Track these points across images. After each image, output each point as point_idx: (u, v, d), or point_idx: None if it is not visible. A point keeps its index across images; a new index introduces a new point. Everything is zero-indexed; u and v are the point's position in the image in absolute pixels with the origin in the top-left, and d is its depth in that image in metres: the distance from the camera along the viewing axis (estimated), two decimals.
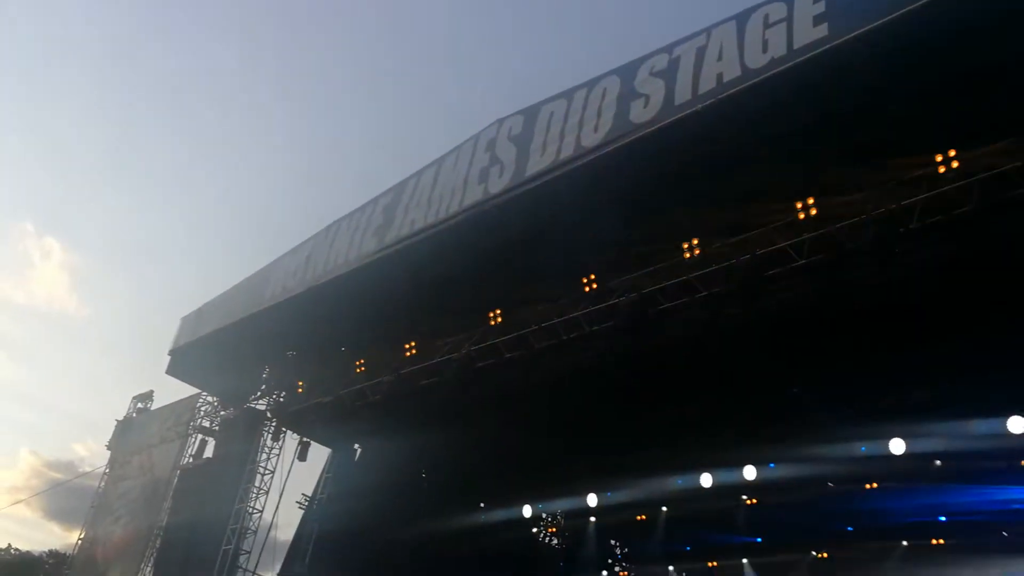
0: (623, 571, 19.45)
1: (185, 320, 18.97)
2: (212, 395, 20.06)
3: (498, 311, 13.86)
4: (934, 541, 15.06)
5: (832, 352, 12.46)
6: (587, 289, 12.93)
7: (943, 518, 14.89)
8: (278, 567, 18.51)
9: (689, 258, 11.80)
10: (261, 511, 18.32)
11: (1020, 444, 12.82)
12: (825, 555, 16.36)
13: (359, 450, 19.20)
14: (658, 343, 13.03)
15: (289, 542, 18.66)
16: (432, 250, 13.35)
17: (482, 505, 18.96)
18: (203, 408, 20.25)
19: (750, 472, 15.32)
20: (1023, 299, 11.11)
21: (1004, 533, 14.85)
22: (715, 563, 17.96)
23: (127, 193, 72.69)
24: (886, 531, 15.67)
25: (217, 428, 19.94)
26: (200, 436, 20.22)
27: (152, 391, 22.71)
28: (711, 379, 13.74)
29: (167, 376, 19.26)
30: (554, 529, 19.68)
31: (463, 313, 14.11)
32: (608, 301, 12.76)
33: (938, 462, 13.88)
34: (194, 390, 20.36)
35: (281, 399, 18.14)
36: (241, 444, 18.51)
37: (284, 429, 18.21)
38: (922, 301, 11.57)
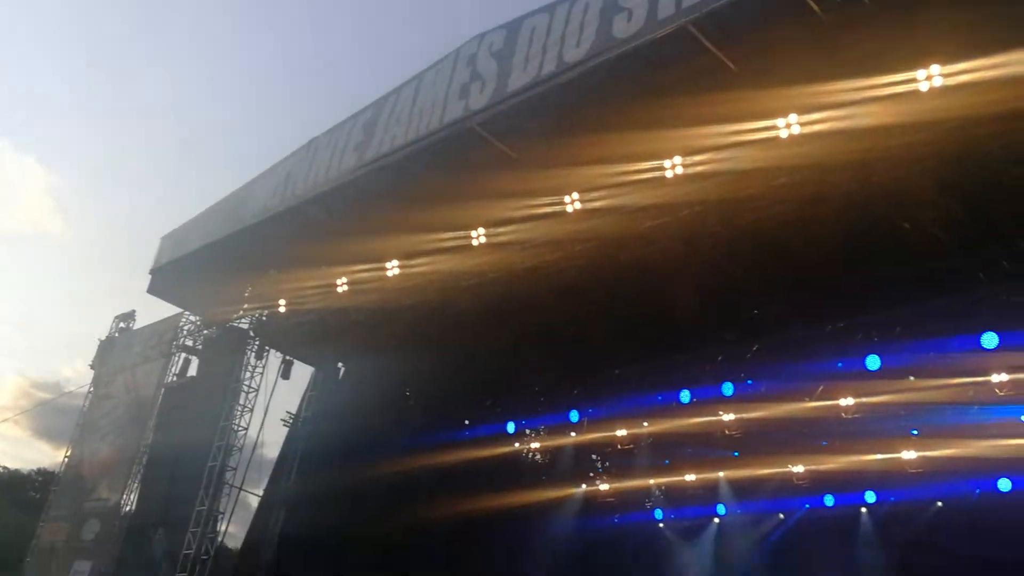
0: (603, 486, 19.85)
1: (166, 239, 18.87)
2: (195, 314, 20.07)
3: (481, 229, 13.83)
4: (905, 456, 15.39)
5: (810, 268, 12.56)
6: (570, 208, 12.90)
7: (915, 431, 15.19)
8: (265, 483, 18.84)
9: (671, 177, 11.76)
10: (246, 429, 18.56)
11: (993, 360, 13.06)
12: (801, 468, 16.72)
13: (343, 369, 19.35)
14: (640, 261, 13.11)
15: (275, 459, 18.97)
16: (413, 167, 13.26)
17: (467, 423, 19.21)
18: (186, 327, 20.28)
19: (728, 388, 15.53)
20: (994, 220, 11.24)
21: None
22: (693, 476, 18.34)
23: (109, 114, 71.44)
24: (860, 446, 15.99)
25: (200, 347, 20.02)
26: (183, 355, 20.32)
27: (134, 311, 22.71)
28: (692, 297, 13.85)
29: (150, 296, 19.28)
30: (537, 445, 20.00)
31: (446, 231, 14.07)
32: (590, 220, 12.75)
33: (912, 378, 14.12)
34: (176, 310, 20.37)
35: (264, 318, 18.18)
36: (225, 363, 18.62)
37: (267, 348, 18.31)
38: (901, 218, 11.66)
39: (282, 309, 17.25)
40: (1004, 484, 14.72)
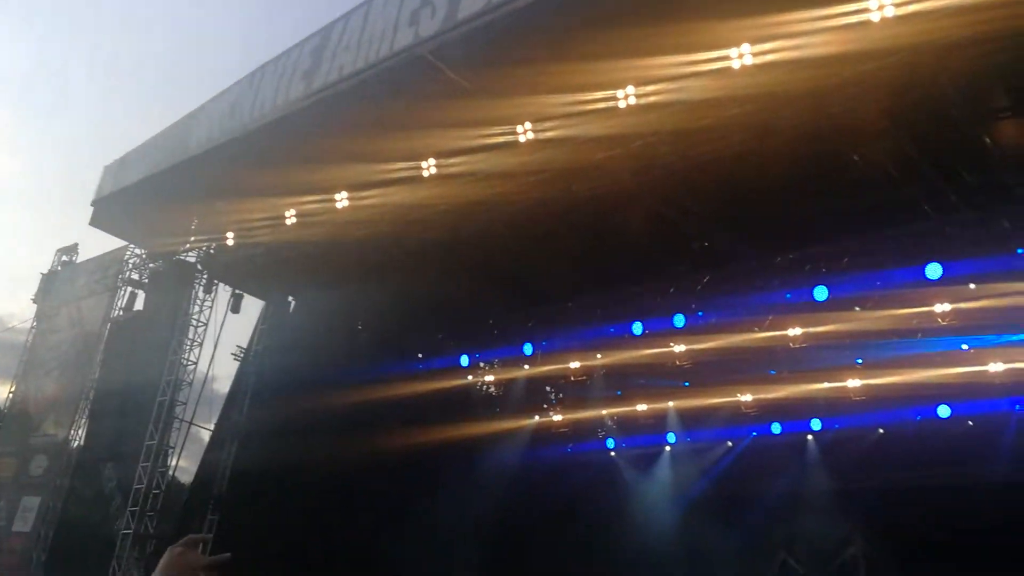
0: (557, 416, 20.07)
1: (108, 169, 18.31)
2: (140, 247, 19.66)
3: (431, 160, 13.62)
4: (850, 384, 15.74)
5: (761, 200, 12.61)
6: (522, 139, 12.73)
7: (859, 360, 15.52)
8: (216, 418, 18.73)
9: (624, 107, 11.64)
10: (196, 363, 18.37)
11: (936, 291, 13.32)
12: (749, 397, 17.05)
13: (294, 302, 19.16)
14: (593, 193, 13.04)
15: (226, 394, 18.83)
16: (362, 96, 12.95)
17: (419, 356, 19.21)
18: (131, 260, 19.90)
19: (679, 320, 15.69)
20: (941, 153, 11.34)
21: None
22: (644, 407, 18.60)
23: (50, 40, 68.84)
24: (807, 376, 16.31)
25: (147, 281, 19.67)
26: (130, 289, 19.97)
27: (76, 244, 22.23)
28: (643, 229, 13.86)
29: (94, 230, 18.77)
30: (490, 378, 20.11)
31: (396, 162, 13.83)
32: (543, 151, 12.61)
33: (857, 308, 14.37)
34: (121, 243, 19.94)
35: (211, 251, 17.85)
36: (172, 296, 18.34)
37: (216, 281, 18.04)
38: (850, 150, 11.72)
39: (230, 242, 16.92)
40: (943, 411, 15.18)
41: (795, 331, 15.12)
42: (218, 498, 17.05)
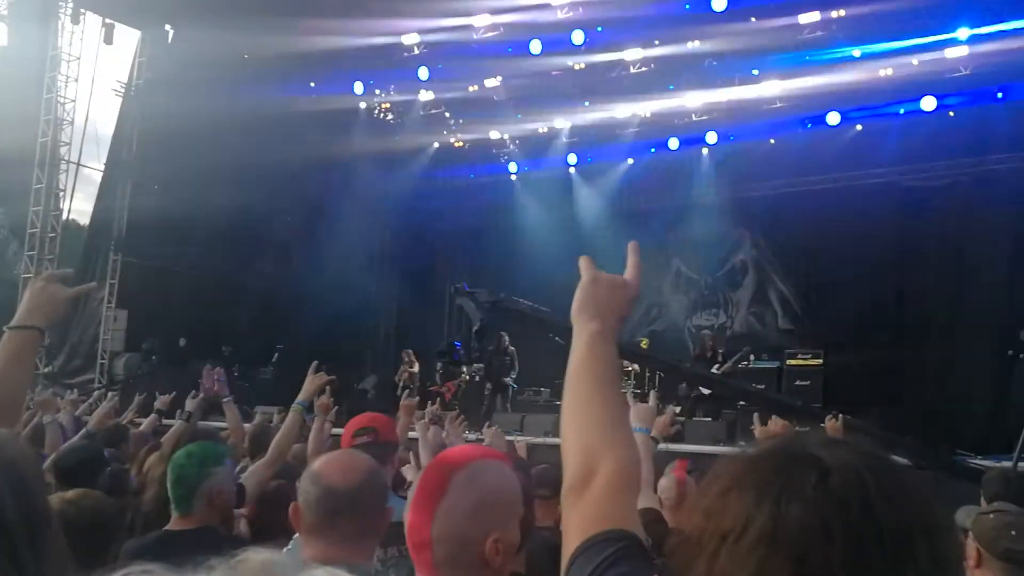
0: (457, 142, 19.97)
1: None
2: None
3: None
4: (745, 96, 15.95)
5: None
6: None
7: (755, 71, 15.62)
8: (104, 158, 18.03)
9: None
10: (74, 100, 17.41)
11: None
12: (648, 113, 17.19)
13: (172, 32, 17.95)
14: None
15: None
16: None
17: (312, 84, 18.50)
18: None
19: (579, 36, 15.34)
20: None
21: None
22: (544, 127, 18.58)
23: None
24: (704, 89, 16.41)
25: (6, 12, 18.11)
26: None
27: None
28: None
29: None
30: (387, 105, 19.66)
31: None
32: None
33: (753, 19, 14.29)
34: None
35: None
36: (37, 28, 16.98)
37: (83, 10, 16.69)
38: None
39: None
40: (833, 118, 15.65)
41: (694, 44, 15.03)
42: (119, 239, 16.80)
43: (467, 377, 15.79)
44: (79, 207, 18.66)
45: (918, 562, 0.98)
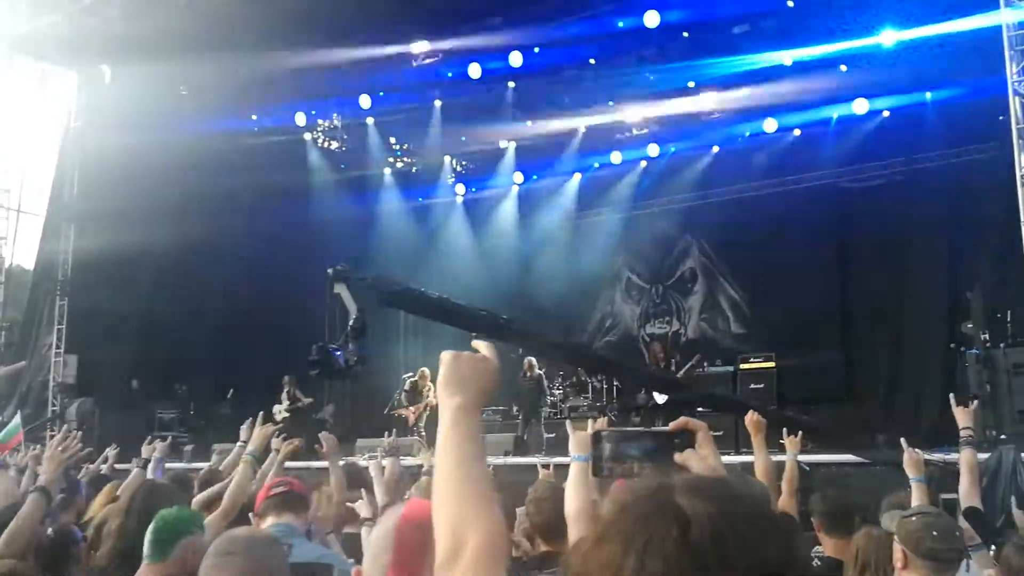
0: (403, 163, 20.00)
1: None
2: None
3: None
4: (684, 107, 16.18)
5: None
6: None
7: (692, 83, 15.86)
8: (46, 203, 17.77)
9: None
10: (12, 146, 17.19)
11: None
12: (583, 128, 17.36)
13: (108, 71, 17.75)
14: None
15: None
16: None
17: (254, 117, 18.41)
18: None
19: (516, 59, 15.48)
20: None
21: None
22: (487, 147, 18.67)
23: None
24: (644, 103, 16.60)
25: None
26: None
27: None
28: None
29: None
30: (330, 134, 19.62)
31: None
32: None
33: (685, 34, 14.55)
34: None
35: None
36: None
37: (16, 55, 16.49)
38: None
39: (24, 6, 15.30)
40: (769, 125, 15.98)
41: (629, 57, 15.27)
42: (64, 282, 16.56)
43: (433, 400, 14.77)
44: (22, 253, 18.40)
45: None
